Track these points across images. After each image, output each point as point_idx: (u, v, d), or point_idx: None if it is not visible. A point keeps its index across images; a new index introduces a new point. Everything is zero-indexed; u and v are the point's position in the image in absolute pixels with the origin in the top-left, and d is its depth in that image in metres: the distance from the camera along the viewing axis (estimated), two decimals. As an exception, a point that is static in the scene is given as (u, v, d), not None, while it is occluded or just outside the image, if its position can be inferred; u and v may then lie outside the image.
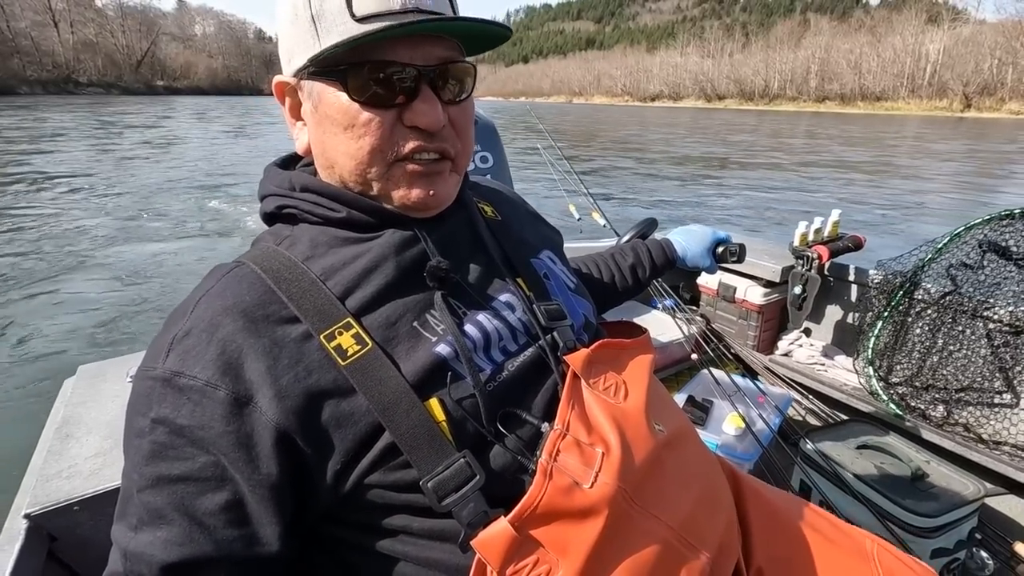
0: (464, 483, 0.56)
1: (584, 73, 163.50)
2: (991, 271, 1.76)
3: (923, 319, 1.90)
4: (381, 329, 0.61)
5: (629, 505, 0.59)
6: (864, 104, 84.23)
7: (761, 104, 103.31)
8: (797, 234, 2.15)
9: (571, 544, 0.56)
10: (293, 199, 0.68)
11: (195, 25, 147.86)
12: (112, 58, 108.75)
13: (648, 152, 20.37)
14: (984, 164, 17.97)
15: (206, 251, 6.80)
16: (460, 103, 0.66)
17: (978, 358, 1.79)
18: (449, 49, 0.63)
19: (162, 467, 0.55)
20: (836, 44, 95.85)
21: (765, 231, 8.64)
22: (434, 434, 0.57)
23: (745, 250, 1.23)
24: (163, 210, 9.03)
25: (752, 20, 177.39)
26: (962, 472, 1.53)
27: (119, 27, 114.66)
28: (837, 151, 19.78)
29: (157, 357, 0.58)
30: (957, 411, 1.83)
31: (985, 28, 78.26)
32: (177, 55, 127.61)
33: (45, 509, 1.00)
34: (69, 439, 1.17)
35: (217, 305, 0.59)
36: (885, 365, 1.99)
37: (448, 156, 0.66)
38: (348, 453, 0.56)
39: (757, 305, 2.27)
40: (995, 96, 68.39)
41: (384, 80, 0.60)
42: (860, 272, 2.12)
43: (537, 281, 0.75)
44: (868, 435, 1.70)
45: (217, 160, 15.69)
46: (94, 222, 8.15)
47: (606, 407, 0.63)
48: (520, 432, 0.62)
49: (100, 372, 1.43)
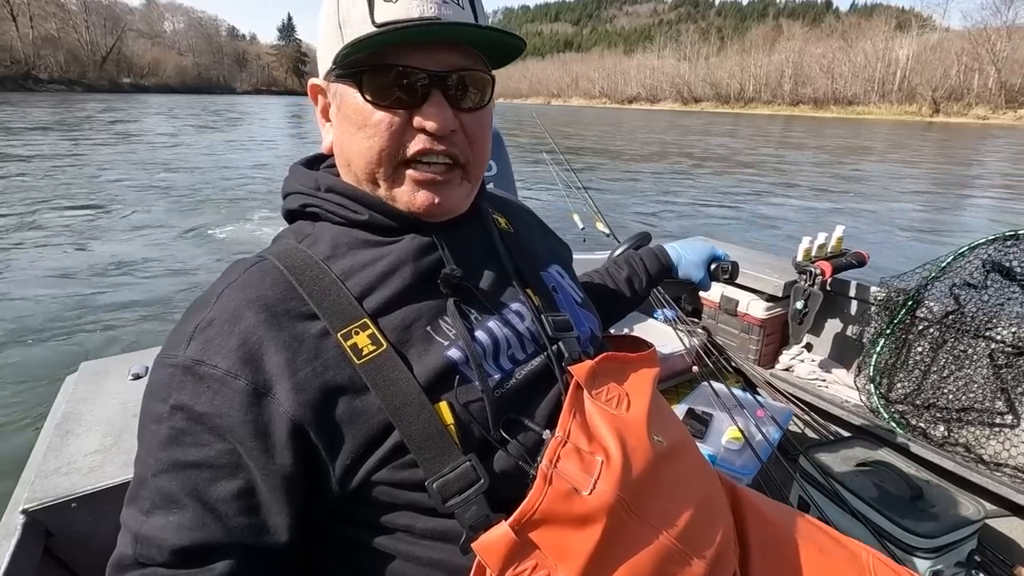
0: (468, 486, 0.58)
1: (562, 75, 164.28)
2: (995, 291, 1.77)
3: (925, 337, 1.90)
4: (396, 332, 0.63)
5: (627, 513, 0.60)
6: (837, 108, 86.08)
7: (737, 107, 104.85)
8: (800, 249, 2.15)
9: (569, 549, 0.57)
10: (317, 199, 0.70)
11: (164, 21, 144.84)
12: (75, 54, 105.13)
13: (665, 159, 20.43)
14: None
15: (211, 252, 6.84)
16: (475, 111, 0.67)
17: (980, 378, 1.79)
18: (467, 59, 0.65)
19: (178, 453, 0.56)
20: (809, 49, 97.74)
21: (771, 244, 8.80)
22: (442, 436, 0.58)
23: (738, 268, 1.23)
24: (167, 209, 9.16)
25: (727, 24, 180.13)
26: (962, 492, 1.53)
27: (82, 22, 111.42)
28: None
29: (178, 345, 0.59)
30: (958, 431, 1.83)
31: (952, 35, 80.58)
32: (145, 52, 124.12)
33: (43, 505, 1.00)
34: (69, 435, 1.17)
35: (240, 297, 0.61)
36: (886, 383, 1.99)
37: (457, 162, 0.67)
38: (358, 449, 0.58)
39: (759, 319, 2.26)
40: (962, 101, 70.39)
41: (398, 83, 0.62)
42: (863, 288, 2.12)
43: (546, 293, 0.76)
44: (868, 452, 1.70)
45: (219, 159, 15.73)
46: (97, 221, 8.20)
47: (608, 417, 0.65)
48: (523, 438, 0.64)
49: (102, 369, 1.44)
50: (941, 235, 9.59)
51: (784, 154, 19.84)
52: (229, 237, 7.61)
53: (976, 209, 12.36)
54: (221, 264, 4.73)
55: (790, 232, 8.97)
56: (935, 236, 9.49)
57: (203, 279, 5.28)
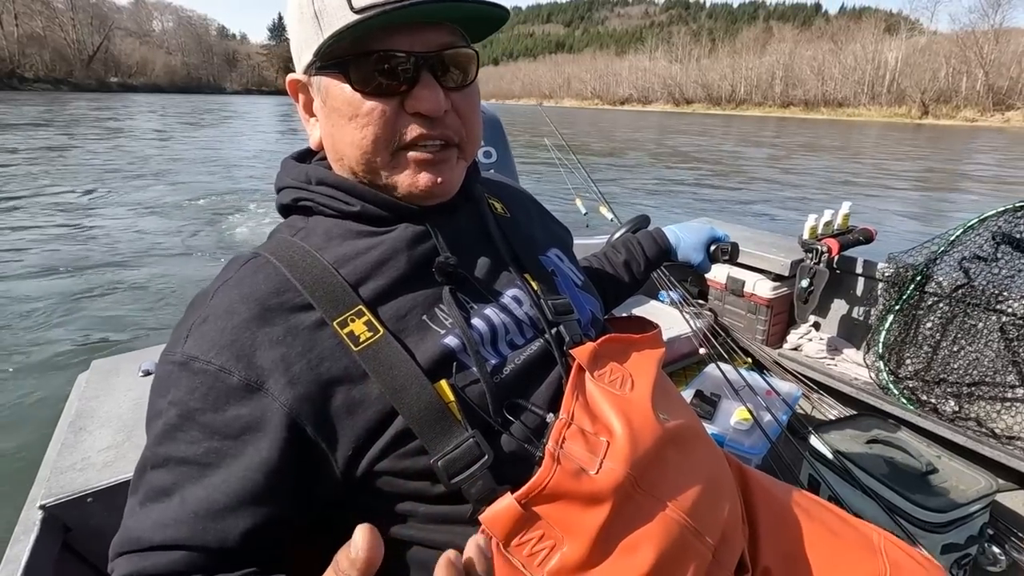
0: (474, 461, 0.58)
1: (554, 76, 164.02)
2: (1005, 263, 1.76)
3: (935, 312, 1.89)
4: (392, 321, 0.62)
5: (634, 489, 0.60)
6: (827, 110, 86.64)
7: (728, 108, 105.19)
8: (807, 227, 2.14)
9: (577, 525, 0.57)
10: (309, 192, 0.70)
11: (153, 20, 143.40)
12: (61, 53, 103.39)
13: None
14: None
15: (222, 248, 6.79)
16: (463, 89, 0.66)
17: (991, 352, 1.79)
18: (450, 35, 0.64)
19: (171, 447, 0.57)
20: (799, 51, 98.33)
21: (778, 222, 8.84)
22: (444, 413, 0.58)
23: (738, 250, 1.22)
24: (173, 210, 8.97)
25: (718, 27, 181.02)
26: (974, 467, 1.52)
27: (69, 20, 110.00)
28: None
29: (177, 343, 0.60)
30: (969, 405, 1.83)
31: (940, 38, 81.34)
32: (133, 51, 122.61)
33: (59, 500, 1.03)
34: (83, 432, 1.20)
35: (234, 294, 0.61)
36: (895, 359, 1.98)
37: (452, 143, 0.67)
38: (359, 439, 0.58)
39: (766, 299, 2.25)
40: (950, 104, 71.09)
41: (385, 69, 0.61)
42: (870, 265, 2.11)
43: (545, 277, 0.76)
44: (878, 429, 1.69)
45: (224, 158, 15.66)
46: (101, 220, 8.08)
47: (611, 398, 0.65)
48: (526, 421, 0.64)
49: (113, 367, 1.47)
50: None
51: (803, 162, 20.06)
52: (240, 231, 7.62)
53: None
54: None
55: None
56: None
57: (214, 274, 5.07)
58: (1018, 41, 67.45)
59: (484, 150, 2.00)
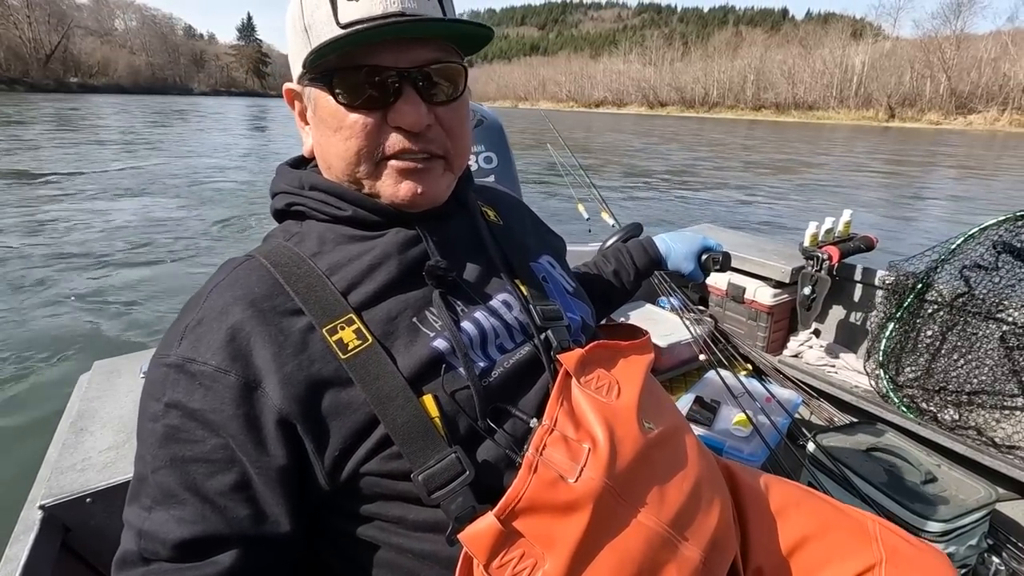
0: (454, 478, 0.58)
1: (529, 78, 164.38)
2: (1006, 272, 1.77)
3: (935, 321, 1.90)
4: (381, 324, 0.63)
5: (615, 500, 0.60)
6: (798, 113, 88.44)
7: (702, 111, 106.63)
8: (807, 234, 2.14)
9: (556, 538, 0.57)
10: (302, 197, 0.71)
11: (115, 19, 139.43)
12: (16, 52, 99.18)
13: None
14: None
15: (224, 250, 6.75)
16: (450, 103, 0.67)
17: (991, 361, 1.80)
18: (437, 51, 0.64)
19: (175, 449, 0.57)
20: (770, 55, 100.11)
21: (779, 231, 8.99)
22: (427, 429, 0.59)
23: (730, 259, 1.21)
24: (175, 209, 9.01)
25: (689, 31, 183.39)
26: (974, 476, 1.52)
27: (24, 18, 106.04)
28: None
29: (171, 345, 0.61)
30: (968, 414, 1.84)
31: (905, 43, 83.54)
32: (94, 50, 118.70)
33: (59, 500, 1.04)
34: (83, 433, 1.20)
35: (228, 295, 0.62)
36: (895, 367, 1.99)
37: (437, 156, 0.67)
38: (345, 441, 0.59)
39: (767, 306, 2.25)
40: (915, 107, 73.09)
41: (368, 83, 0.62)
42: (871, 273, 2.12)
43: (535, 283, 0.76)
44: (877, 437, 1.69)
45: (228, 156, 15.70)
46: (102, 220, 8.02)
47: (596, 405, 0.65)
48: (510, 427, 0.64)
49: (114, 367, 1.47)
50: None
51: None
52: (243, 234, 7.64)
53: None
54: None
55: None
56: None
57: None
58: (978, 47, 69.62)
59: (485, 155, 1.98)
